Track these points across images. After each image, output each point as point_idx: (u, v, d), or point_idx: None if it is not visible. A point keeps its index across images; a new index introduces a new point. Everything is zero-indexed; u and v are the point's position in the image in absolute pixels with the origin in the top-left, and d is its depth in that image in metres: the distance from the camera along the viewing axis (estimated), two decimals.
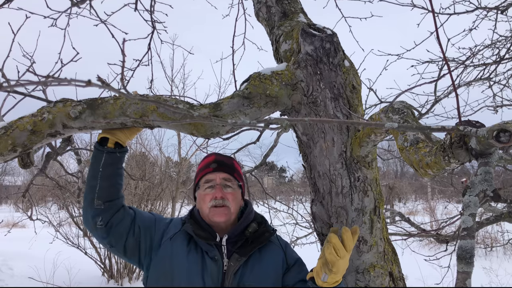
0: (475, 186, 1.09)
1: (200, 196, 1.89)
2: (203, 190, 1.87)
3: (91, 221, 1.77)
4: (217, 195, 1.82)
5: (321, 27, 2.03)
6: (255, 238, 1.83)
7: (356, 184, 1.94)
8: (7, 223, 11.23)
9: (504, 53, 4.02)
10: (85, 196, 1.80)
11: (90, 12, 2.70)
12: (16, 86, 0.77)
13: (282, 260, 1.85)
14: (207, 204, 1.83)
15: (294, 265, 1.86)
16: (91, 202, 1.76)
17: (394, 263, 2.06)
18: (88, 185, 1.79)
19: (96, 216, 1.75)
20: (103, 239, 1.79)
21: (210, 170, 1.88)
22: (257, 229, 1.86)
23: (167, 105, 0.90)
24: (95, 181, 1.77)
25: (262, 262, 1.81)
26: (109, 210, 1.77)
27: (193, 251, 1.78)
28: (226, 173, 1.89)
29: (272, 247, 1.88)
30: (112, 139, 1.80)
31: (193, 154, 12.20)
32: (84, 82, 0.67)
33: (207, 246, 1.78)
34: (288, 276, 1.83)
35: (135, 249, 1.81)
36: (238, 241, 1.82)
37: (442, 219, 4.75)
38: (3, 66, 1.90)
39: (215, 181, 1.85)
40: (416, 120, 1.64)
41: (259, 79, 1.88)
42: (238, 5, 3.15)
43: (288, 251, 1.91)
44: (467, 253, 0.98)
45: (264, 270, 1.80)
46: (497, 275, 8.35)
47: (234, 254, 1.77)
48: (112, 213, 1.77)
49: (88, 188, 1.79)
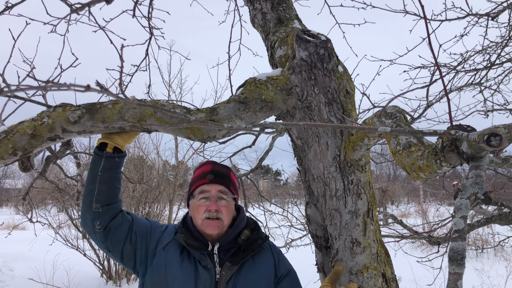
0: (467, 189, 1.11)
1: (194, 205, 1.87)
2: (198, 200, 1.85)
3: (90, 225, 1.79)
4: (212, 208, 1.80)
5: (315, 33, 2.06)
6: (248, 246, 1.83)
7: (350, 187, 1.97)
8: (7, 225, 11.20)
9: (494, 59, 4.07)
10: (84, 200, 1.81)
11: (89, 18, 2.72)
12: (17, 91, 0.77)
13: (274, 267, 1.86)
14: (200, 215, 1.82)
15: (287, 276, 1.88)
16: (89, 205, 1.78)
17: (387, 264, 2.09)
18: (87, 188, 1.81)
19: (95, 220, 1.77)
20: (101, 243, 1.81)
21: (207, 181, 1.86)
22: (249, 236, 1.87)
23: (164, 109, 0.92)
24: (93, 185, 1.79)
25: (255, 270, 1.82)
26: (107, 213, 1.79)
27: (186, 260, 1.79)
28: (222, 185, 1.87)
29: (264, 253, 1.89)
30: (111, 144, 1.82)
31: (190, 158, 12.25)
32: (83, 87, 0.67)
33: (200, 255, 1.78)
34: (281, 286, 1.85)
35: (131, 256, 1.83)
36: (231, 249, 1.82)
37: (434, 221, 4.80)
38: (4, 71, 1.92)
39: (211, 193, 1.84)
40: (408, 125, 1.65)
41: (255, 84, 1.91)
42: (234, 11, 3.19)
43: (281, 259, 1.92)
44: (458, 255, 0.99)
45: (257, 278, 1.81)
46: (488, 276, 8.41)
47: (226, 263, 1.78)
48: (110, 217, 1.79)
49: (87, 192, 1.80)
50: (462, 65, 4.25)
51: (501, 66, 4.13)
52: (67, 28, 2.75)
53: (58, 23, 2.70)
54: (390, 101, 1.71)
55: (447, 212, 8.95)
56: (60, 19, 2.70)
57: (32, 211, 3.11)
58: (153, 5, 3.03)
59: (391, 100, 1.71)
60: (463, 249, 1.00)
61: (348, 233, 1.97)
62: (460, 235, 1.02)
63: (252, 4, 2.53)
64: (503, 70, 4.33)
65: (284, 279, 1.86)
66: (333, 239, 2.02)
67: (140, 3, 2.98)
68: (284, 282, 1.86)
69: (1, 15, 2.38)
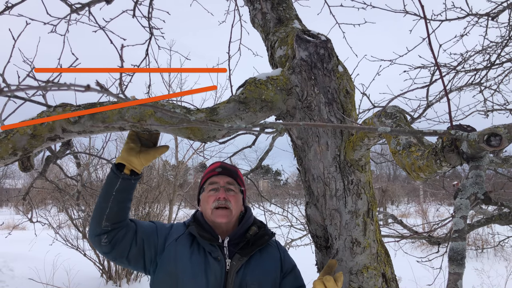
0: (466, 189, 1.11)
1: (204, 197, 1.97)
2: (207, 192, 1.96)
3: (96, 239, 1.79)
4: (220, 196, 1.90)
5: (315, 33, 2.06)
6: (256, 240, 1.92)
7: (350, 187, 1.98)
8: (7, 225, 11.23)
9: (494, 59, 4.08)
10: (94, 216, 1.80)
11: (89, 18, 2.72)
12: (17, 91, 0.77)
13: (280, 262, 1.95)
14: (210, 205, 1.91)
15: (291, 272, 1.96)
16: (99, 222, 1.77)
17: (387, 264, 2.10)
18: (99, 206, 1.79)
19: (102, 235, 1.78)
20: (107, 254, 1.82)
21: (216, 173, 1.99)
22: (257, 232, 1.96)
23: (164, 109, 0.91)
24: (106, 203, 1.78)
25: (263, 263, 1.89)
26: (114, 230, 1.80)
27: (196, 252, 1.85)
28: (230, 177, 1.99)
29: (270, 249, 1.97)
30: (128, 166, 1.82)
31: (190, 158, 12.26)
32: (83, 87, 0.67)
33: (210, 247, 1.85)
34: (286, 281, 1.92)
35: (139, 258, 1.85)
36: (240, 242, 1.90)
37: (434, 222, 4.80)
38: (4, 71, 1.92)
39: (219, 183, 1.95)
40: (408, 124, 1.65)
41: (255, 84, 1.91)
42: (234, 11, 3.19)
43: (286, 256, 2.01)
44: (458, 255, 0.99)
45: (264, 270, 1.88)
46: (488, 276, 8.42)
47: (236, 255, 1.86)
48: (117, 232, 1.80)
49: (98, 210, 1.79)
50: (462, 65, 4.25)
51: (501, 66, 4.13)
52: (67, 28, 2.75)
53: (58, 23, 2.70)
54: (390, 101, 1.71)
55: (447, 212, 8.96)
56: (60, 19, 2.70)
57: (32, 211, 3.12)
58: (153, 5, 3.03)
59: (391, 100, 1.71)
60: (463, 249, 1.00)
61: (348, 233, 1.97)
62: (460, 235, 1.02)
63: (252, 4, 2.53)
64: (503, 70, 4.33)
65: (289, 274, 1.96)
66: (333, 239, 2.02)
67: (140, 3, 2.98)
68: (289, 277, 1.95)
69: (1, 15, 2.38)
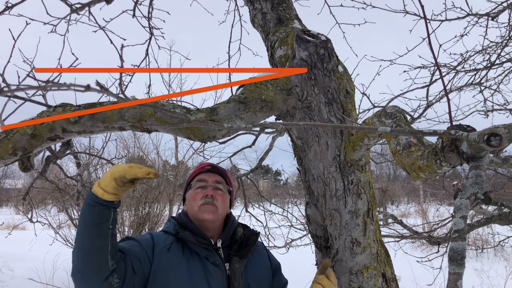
0: (466, 189, 1.11)
1: (190, 195, 1.88)
2: (195, 189, 1.87)
3: (105, 284, 1.51)
4: (208, 194, 1.82)
5: (315, 33, 2.06)
6: (245, 241, 1.87)
7: (350, 187, 1.98)
8: (7, 225, 11.21)
9: (494, 59, 4.08)
10: (90, 261, 1.51)
11: (89, 18, 2.73)
12: (17, 91, 0.76)
13: (269, 260, 1.94)
14: (197, 202, 1.82)
15: (278, 271, 1.95)
16: (103, 264, 1.51)
17: (387, 264, 2.10)
18: (96, 245, 1.51)
19: (111, 276, 1.52)
20: None
21: (204, 170, 1.92)
22: (244, 232, 1.91)
23: (164, 109, 0.91)
24: (105, 240, 1.52)
25: (257, 263, 1.87)
26: (119, 263, 1.56)
27: (191, 259, 1.72)
28: (219, 176, 1.92)
29: (258, 249, 1.95)
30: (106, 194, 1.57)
31: (190, 158, 12.27)
32: (83, 87, 0.66)
33: (206, 252, 1.73)
34: (275, 279, 1.91)
35: (141, 281, 1.64)
36: (231, 244, 1.84)
37: (434, 221, 4.80)
38: (4, 71, 1.92)
39: (208, 181, 1.88)
40: (408, 124, 1.66)
41: (255, 84, 1.91)
42: (234, 11, 3.20)
43: (270, 254, 1.99)
44: (458, 255, 0.99)
45: (260, 269, 1.86)
46: (488, 276, 8.41)
47: (234, 257, 1.78)
48: (121, 265, 1.57)
49: (95, 251, 1.50)
50: (462, 65, 4.25)
51: (501, 66, 4.14)
52: (67, 28, 2.75)
53: (58, 23, 2.71)
54: (390, 101, 1.72)
55: (447, 212, 8.95)
56: (60, 19, 2.70)
57: (32, 211, 3.12)
58: (153, 5, 3.03)
59: (391, 100, 1.72)
60: (463, 249, 1.00)
61: (348, 233, 1.97)
62: (460, 235, 1.02)
63: (252, 4, 2.54)
64: (503, 70, 4.33)
65: (277, 272, 1.94)
66: (333, 239, 2.02)
67: (140, 3, 2.99)
68: (277, 275, 1.94)
69: (1, 15, 2.38)
